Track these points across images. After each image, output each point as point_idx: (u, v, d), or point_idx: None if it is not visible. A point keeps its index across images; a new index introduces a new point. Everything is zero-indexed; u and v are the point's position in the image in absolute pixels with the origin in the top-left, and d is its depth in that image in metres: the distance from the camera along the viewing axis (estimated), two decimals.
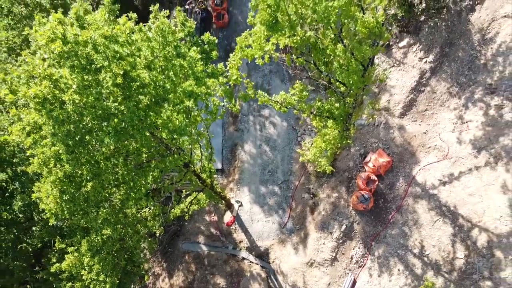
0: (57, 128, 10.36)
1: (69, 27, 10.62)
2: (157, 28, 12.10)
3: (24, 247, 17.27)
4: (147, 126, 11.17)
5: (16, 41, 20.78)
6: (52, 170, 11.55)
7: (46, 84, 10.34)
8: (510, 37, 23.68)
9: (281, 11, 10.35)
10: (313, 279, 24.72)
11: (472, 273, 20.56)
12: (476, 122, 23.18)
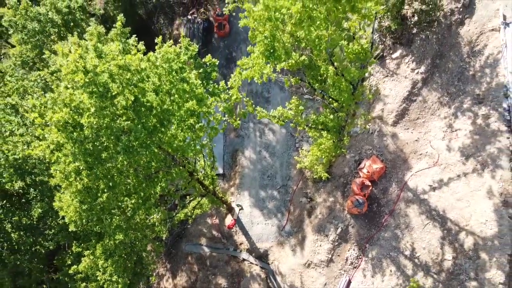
0: (77, 147, 11.63)
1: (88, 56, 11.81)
2: (163, 57, 13.30)
3: (39, 250, 18.57)
4: (154, 144, 12.44)
5: (29, 55, 22.06)
6: (72, 183, 12.84)
7: (66, 111, 11.57)
8: (497, 49, 24.91)
9: (277, 41, 11.59)
10: (310, 279, 25.96)
11: (459, 274, 21.81)
12: (465, 131, 24.40)
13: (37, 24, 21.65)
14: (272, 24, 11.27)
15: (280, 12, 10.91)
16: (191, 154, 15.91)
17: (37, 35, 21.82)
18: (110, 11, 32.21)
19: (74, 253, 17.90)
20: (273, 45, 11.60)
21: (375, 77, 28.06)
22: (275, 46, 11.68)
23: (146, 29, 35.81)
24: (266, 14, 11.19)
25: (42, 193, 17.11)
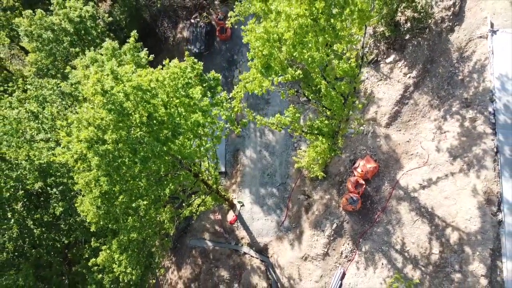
0: (100, 160, 13.21)
1: (106, 80, 13.21)
2: (170, 77, 14.72)
3: (57, 244, 20.14)
4: (166, 153, 13.97)
5: (44, 62, 23.51)
6: (93, 189, 14.42)
7: (91, 129, 13.09)
8: (485, 56, 26.34)
9: (274, 59, 13.03)
10: (307, 271, 27.63)
11: (445, 266, 23.44)
12: (453, 133, 25.91)
13: (51, 33, 23.12)
14: (270, 44, 12.75)
15: (277, 34, 12.37)
16: (197, 159, 17.45)
17: (50, 43, 23.29)
18: (116, 15, 33.54)
19: (90, 247, 19.59)
20: (268, 62, 13.06)
21: (369, 80, 29.49)
22: (270, 63, 13.15)
23: (151, 32, 37.15)
24: (265, 36, 12.67)
25: (63, 193, 18.75)
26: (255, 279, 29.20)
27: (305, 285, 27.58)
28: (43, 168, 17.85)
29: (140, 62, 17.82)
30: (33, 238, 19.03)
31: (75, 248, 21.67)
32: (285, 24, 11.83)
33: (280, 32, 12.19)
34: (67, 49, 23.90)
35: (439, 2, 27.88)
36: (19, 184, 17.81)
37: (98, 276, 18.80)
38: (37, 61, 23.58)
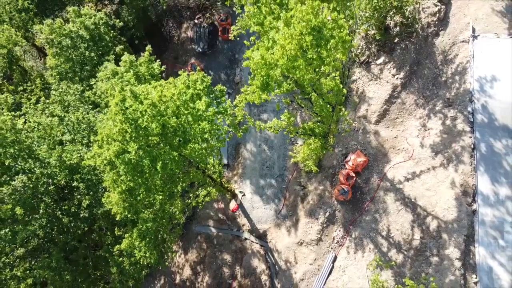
0: (126, 168, 15.79)
1: (127, 94, 15.57)
2: (179, 93, 17.10)
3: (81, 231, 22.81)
4: (179, 156, 16.50)
5: (63, 67, 25.81)
6: (119, 187, 16.98)
7: (117, 144, 15.57)
8: (466, 59, 28.65)
9: (270, 78, 15.37)
10: (302, 255, 30.46)
11: (424, 251, 26.20)
12: (436, 130, 28.39)
13: (69, 40, 25.36)
14: (267, 67, 15.07)
15: (273, 59, 14.71)
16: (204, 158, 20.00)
17: (69, 49, 25.55)
18: (124, 16, 35.62)
19: (112, 234, 22.32)
20: (267, 81, 15.44)
21: (361, 80, 31.78)
22: (268, 82, 15.52)
23: (157, 31, 39.29)
24: (262, 61, 14.98)
25: (88, 188, 21.32)
26: (255, 262, 32.05)
27: (300, 267, 30.42)
28: (72, 167, 20.41)
29: (153, 73, 20.18)
30: (61, 226, 21.68)
31: (96, 235, 24.37)
32: (279, 52, 14.15)
33: (275, 58, 14.53)
34: (83, 54, 26.19)
35: (426, 8, 30.02)
36: (50, 180, 20.38)
37: (119, 259, 21.55)
38: (57, 65, 25.93)
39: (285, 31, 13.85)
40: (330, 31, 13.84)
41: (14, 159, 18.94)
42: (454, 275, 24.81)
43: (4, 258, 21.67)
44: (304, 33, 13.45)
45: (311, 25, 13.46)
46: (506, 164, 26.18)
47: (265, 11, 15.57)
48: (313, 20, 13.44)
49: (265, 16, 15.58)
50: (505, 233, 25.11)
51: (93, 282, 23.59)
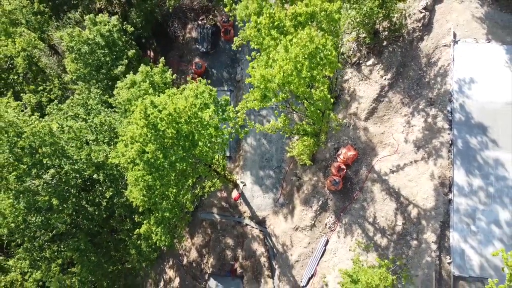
0: (146, 165, 18.77)
1: (148, 105, 18.43)
2: (190, 106, 19.97)
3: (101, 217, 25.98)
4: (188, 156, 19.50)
5: (82, 71, 28.58)
6: (140, 183, 20.01)
7: (138, 145, 18.51)
8: (448, 62, 31.41)
9: (268, 90, 18.19)
10: (297, 239, 33.72)
11: (406, 235, 29.42)
12: (418, 127, 31.30)
13: (87, 47, 28.09)
14: (266, 82, 17.85)
15: (271, 74, 17.52)
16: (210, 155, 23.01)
17: (87, 55, 28.28)
18: (133, 18, 38.15)
19: (131, 220, 25.49)
20: (265, 93, 18.26)
21: (352, 80, 34.56)
22: (266, 94, 18.34)
23: (163, 31, 41.83)
24: (262, 78, 17.77)
25: (111, 181, 24.37)
26: (255, 245, 35.35)
27: (296, 250, 33.72)
28: (98, 164, 23.40)
29: (166, 81, 23.01)
30: (86, 214, 24.77)
31: (113, 221, 27.46)
32: (277, 70, 16.96)
33: (273, 74, 17.32)
34: (99, 59, 28.93)
35: (412, 14, 32.65)
36: (77, 175, 23.34)
37: (137, 242, 24.71)
38: (76, 70, 28.71)
39: (283, 54, 16.67)
40: (323, 56, 16.68)
41: (50, 158, 21.92)
42: (431, 257, 28.09)
43: (34, 241, 24.85)
44: (301, 58, 16.29)
45: (307, 51, 16.29)
46: (479, 158, 29.22)
47: (264, 33, 18.33)
48: (309, 46, 16.26)
49: (264, 38, 18.36)
50: (476, 219, 28.30)
51: (114, 262, 26.87)
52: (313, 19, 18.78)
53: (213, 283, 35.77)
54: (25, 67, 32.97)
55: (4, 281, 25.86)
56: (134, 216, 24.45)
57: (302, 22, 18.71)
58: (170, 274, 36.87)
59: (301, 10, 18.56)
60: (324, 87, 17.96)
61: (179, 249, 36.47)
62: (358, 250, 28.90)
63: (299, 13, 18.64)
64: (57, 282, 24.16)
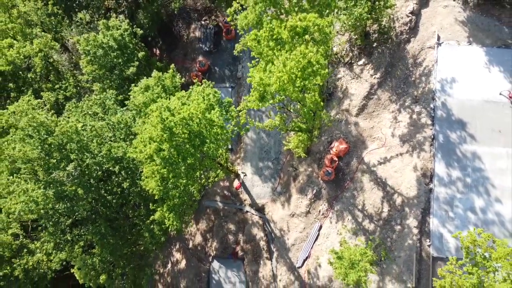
0: (162, 161, 21.71)
1: (162, 110, 21.31)
2: (199, 109, 22.80)
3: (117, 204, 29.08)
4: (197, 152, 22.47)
5: (98, 72, 31.29)
6: (156, 176, 23.02)
7: (155, 144, 21.42)
8: (432, 63, 34.15)
9: (267, 93, 20.98)
10: (293, 225, 36.89)
11: (390, 221, 32.55)
12: (404, 122, 34.20)
13: (101, 50, 30.82)
14: (264, 86, 20.64)
15: (269, 81, 20.31)
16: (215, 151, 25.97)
17: (101, 58, 31.01)
18: (141, 19, 40.71)
19: (145, 207, 28.56)
20: (264, 95, 21.10)
21: (345, 78, 37.32)
22: (265, 95, 21.18)
23: (168, 30, 44.39)
24: (260, 81, 20.57)
25: (127, 173, 27.37)
26: (255, 230, 38.55)
27: (292, 235, 36.93)
28: (116, 158, 26.34)
29: (175, 84, 25.83)
30: (105, 202, 27.83)
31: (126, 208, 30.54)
32: (274, 79, 19.78)
33: (271, 83, 20.13)
34: (112, 61, 31.68)
35: (400, 18, 35.27)
36: (98, 167, 26.31)
37: (150, 226, 27.85)
38: (92, 71, 31.50)
39: (280, 67, 19.54)
40: (315, 69, 19.54)
41: (76, 153, 24.85)
42: (412, 240, 31.27)
43: (58, 226, 27.94)
44: (295, 70, 19.15)
45: (300, 66, 19.12)
46: (458, 151, 32.21)
47: (264, 44, 21.08)
48: (302, 61, 19.09)
49: (263, 48, 21.13)
50: (454, 207, 31.41)
51: (129, 244, 30.02)
52: (307, 32, 21.54)
53: (216, 265, 39.09)
54: (42, 67, 35.69)
55: (32, 261, 29.11)
56: (148, 204, 27.50)
57: (298, 33, 21.50)
58: (177, 257, 40.20)
59: (297, 23, 21.32)
60: (315, 93, 20.79)
61: (185, 234, 39.69)
62: (345, 233, 32.11)
63: (296, 26, 21.40)
64: (81, 261, 27.43)
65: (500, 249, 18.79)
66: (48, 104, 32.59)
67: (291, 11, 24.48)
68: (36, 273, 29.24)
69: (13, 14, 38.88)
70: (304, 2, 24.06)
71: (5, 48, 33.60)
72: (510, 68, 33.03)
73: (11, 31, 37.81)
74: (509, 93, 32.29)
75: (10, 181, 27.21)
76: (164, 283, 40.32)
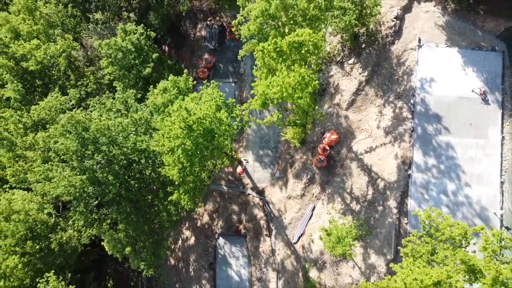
0: (183, 153, 26.38)
1: (182, 111, 25.76)
2: (210, 111, 27.25)
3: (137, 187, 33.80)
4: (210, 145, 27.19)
5: (118, 73, 35.59)
6: (176, 166, 27.68)
7: (179, 140, 26.01)
8: (413, 63, 38.38)
9: (267, 99, 25.37)
10: (290, 206, 41.75)
11: (374, 202, 37.33)
12: (388, 116, 38.62)
13: (121, 53, 35.10)
14: (265, 96, 25.07)
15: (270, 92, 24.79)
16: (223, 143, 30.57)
17: (121, 60, 35.28)
18: (152, 20, 44.73)
19: (164, 190, 33.30)
20: (265, 102, 25.48)
21: (337, 75, 41.59)
22: (266, 102, 25.56)
23: (176, 29, 48.39)
24: (263, 93, 24.98)
25: (148, 162, 32.01)
26: (256, 211, 43.44)
27: (288, 214, 41.82)
28: (140, 149, 30.97)
29: (188, 86, 30.26)
30: (128, 186, 32.54)
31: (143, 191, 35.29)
32: (275, 91, 24.27)
33: (272, 93, 24.64)
34: (130, 62, 35.99)
35: (385, 22, 39.34)
36: (123, 157, 30.91)
37: (167, 206, 32.72)
38: (113, 71, 35.86)
39: (280, 83, 24.12)
40: (307, 81, 24.04)
41: (107, 145, 29.51)
42: (392, 218, 36.12)
43: (87, 207, 32.74)
44: (294, 86, 23.71)
45: (297, 82, 23.69)
46: (434, 142, 36.76)
47: (268, 54, 25.43)
48: (299, 79, 23.58)
49: (266, 58, 25.53)
50: (429, 190, 36.13)
51: (148, 222, 34.91)
52: (303, 45, 25.87)
53: (222, 241, 44.17)
54: (66, 66, 39.98)
55: (65, 236, 34.00)
56: (165, 188, 32.25)
57: (295, 46, 25.86)
58: (187, 234, 45.26)
59: (295, 38, 25.64)
60: (307, 98, 25.30)
61: (194, 214, 44.63)
62: (335, 213, 36.98)
63: (294, 41, 25.73)
64: (109, 236, 32.29)
65: (445, 222, 23.66)
66: (73, 100, 37.01)
67: (287, 23, 28.75)
68: (69, 246, 34.22)
69: (36, 16, 42.93)
70: (298, 16, 28.27)
71: (34, 50, 37.80)
72: (482, 68, 37.27)
73: (35, 32, 41.93)
74: (480, 90, 36.60)
75: (46, 168, 31.93)
76: (175, 257, 45.53)
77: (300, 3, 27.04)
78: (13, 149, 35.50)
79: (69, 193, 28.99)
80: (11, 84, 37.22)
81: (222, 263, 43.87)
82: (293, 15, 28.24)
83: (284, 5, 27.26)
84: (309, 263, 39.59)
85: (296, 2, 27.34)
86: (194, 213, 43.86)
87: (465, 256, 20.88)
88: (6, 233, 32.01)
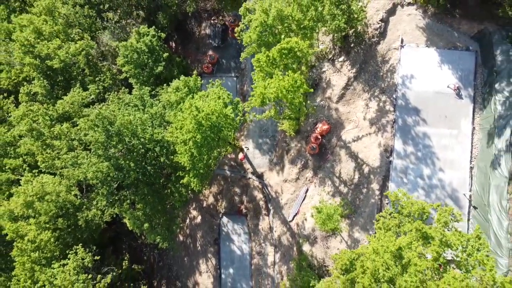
0: (194, 144, 31.33)
1: (193, 109, 30.55)
2: (217, 108, 32.08)
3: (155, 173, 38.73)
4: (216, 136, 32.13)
5: (133, 71, 40.21)
6: (187, 154, 32.61)
7: (191, 134, 30.90)
8: (396, 61, 42.93)
9: (265, 97, 30.11)
10: (286, 188, 46.89)
11: (360, 185, 42.43)
12: (373, 108, 43.36)
13: (136, 54, 39.66)
14: (263, 96, 29.81)
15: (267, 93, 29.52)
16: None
17: (136, 60, 39.84)
18: (161, 19, 49.05)
19: (176, 175, 38.29)
20: (263, 100, 30.22)
21: (328, 72, 46.20)
22: (264, 100, 30.29)
23: (182, 27, 52.73)
24: (261, 94, 29.68)
25: (162, 151, 36.91)
26: (256, 193, 48.63)
27: (285, 196, 47.00)
28: (157, 140, 35.87)
29: (197, 85, 35.00)
30: (145, 171, 37.54)
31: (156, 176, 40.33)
32: (272, 92, 28.96)
33: (269, 93, 29.36)
34: (144, 61, 40.58)
35: (372, 24, 43.74)
36: (141, 146, 35.77)
37: (179, 188, 37.85)
38: (129, 70, 40.48)
39: (276, 85, 28.88)
40: (299, 84, 28.85)
41: (129, 137, 34.41)
42: (374, 199, 41.28)
43: (109, 189, 37.86)
44: (287, 88, 28.48)
45: (291, 84, 28.43)
46: (413, 132, 41.61)
47: (263, 64, 30.14)
48: (292, 83, 28.35)
49: (263, 67, 30.25)
50: (407, 174, 41.15)
51: (162, 202, 40.17)
52: (292, 51, 30.54)
53: (225, 220, 49.51)
54: (85, 63, 44.56)
55: (90, 214, 39.20)
56: (178, 173, 37.39)
57: (285, 53, 30.54)
58: (194, 214, 50.59)
59: (284, 45, 30.27)
60: (299, 98, 30.14)
61: (200, 196, 49.86)
62: (325, 195, 42.12)
63: (283, 48, 30.37)
64: (130, 214, 37.48)
65: (408, 200, 29.01)
66: (93, 95, 41.77)
67: (283, 31, 33.36)
68: (93, 223, 39.52)
69: (55, 16, 47.27)
70: (293, 26, 32.85)
71: (57, 49, 42.34)
72: (457, 66, 41.85)
73: (56, 32, 46.34)
74: (454, 86, 41.27)
75: (73, 155, 36.96)
76: (184, 234, 50.97)
77: (296, 15, 31.58)
78: (41, 138, 40.42)
79: (97, 177, 34.06)
80: (38, 80, 41.87)
81: (226, 239, 49.31)
82: (288, 24, 32.80)
83: (281, 16, 31.79)
84: (302, 238, 44.93)
85: (291, 14, 31.87)
86: (201, 195, 49.04)
87: (419, 225, 26.11)
88: (40, 211, 37.17)
